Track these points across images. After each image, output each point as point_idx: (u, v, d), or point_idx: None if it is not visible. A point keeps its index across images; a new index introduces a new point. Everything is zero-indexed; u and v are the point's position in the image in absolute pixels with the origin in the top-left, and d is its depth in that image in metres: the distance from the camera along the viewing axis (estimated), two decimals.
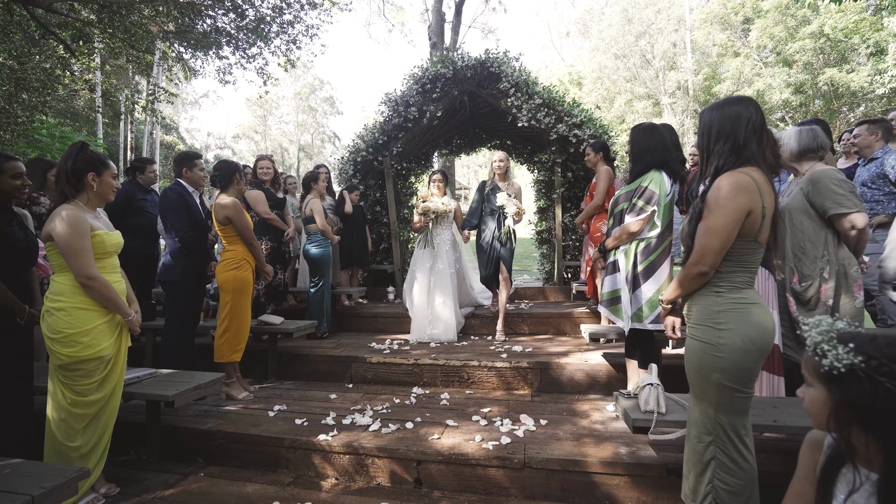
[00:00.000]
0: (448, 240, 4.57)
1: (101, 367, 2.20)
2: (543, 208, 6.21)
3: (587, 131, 5.24)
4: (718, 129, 1.66)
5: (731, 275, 1.65)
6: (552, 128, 5.34)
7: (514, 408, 3.02)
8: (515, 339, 4.34)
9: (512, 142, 6.86)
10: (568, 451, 2.36)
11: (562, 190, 5.66)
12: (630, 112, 23.27)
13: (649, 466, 2.21)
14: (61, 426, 2.14)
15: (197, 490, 2.35)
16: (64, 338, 2.10)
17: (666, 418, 2.05)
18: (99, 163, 2.24)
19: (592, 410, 2.95)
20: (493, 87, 5.53)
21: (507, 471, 2.31)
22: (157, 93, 9.87)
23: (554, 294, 5.62)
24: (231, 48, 9.26)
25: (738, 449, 1.66)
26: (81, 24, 6.69)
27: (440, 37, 11.28)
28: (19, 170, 2.31)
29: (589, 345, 3.93)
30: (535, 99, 5.34)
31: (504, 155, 4.43)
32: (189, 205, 3.38)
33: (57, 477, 1.66)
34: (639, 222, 2.63)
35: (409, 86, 5.79)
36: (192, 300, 3.41)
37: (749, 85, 18.98)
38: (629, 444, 2.40)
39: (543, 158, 5.92)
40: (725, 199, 1.57)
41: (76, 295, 2.14)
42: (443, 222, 4.56)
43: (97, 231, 2.20)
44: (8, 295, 2.22)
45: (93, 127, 15.56)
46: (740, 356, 1.60)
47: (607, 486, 2.23)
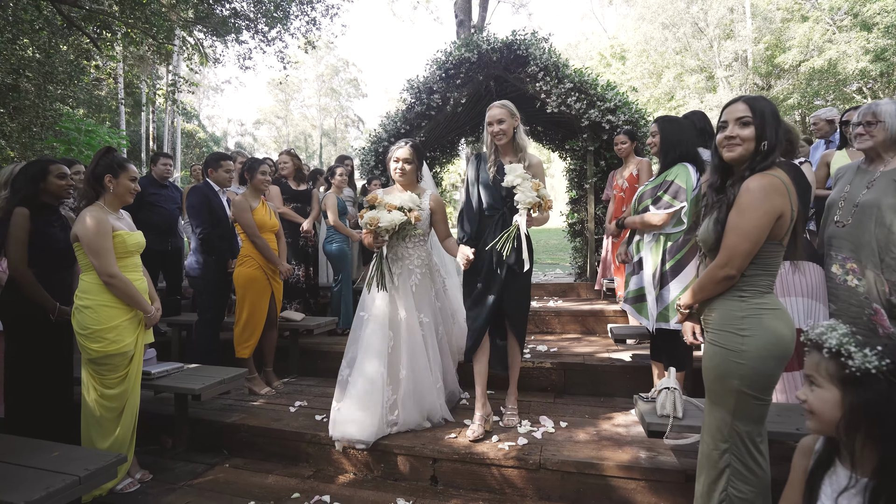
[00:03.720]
0: (419, 266, 2.92)
1: (125, 361, 2.49)
2: (575, 199, 6.25)
3: (621, 116, 5.25)
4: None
5: (754, 279, 1.70)
6: (584, 113, 5.37)
7: (534, 409, 3.17)
8: (542, 337, 4.46)
9: (542, 128, 6.90)
10: (585, 453, 2.49)
11: (594, 179, 5.69)
12: (680, 87, 22.52)
13: (668, 472, 2.32)
14: (94, 416, 2.45)
15: (223, 480, 2.63)
16: (91, 333, 2.40)
17: (683, 423, 2.15)
18: (117, 166, 2.52)
19: (616, 414, 3.06)
20: (520, 70, 5.59)
21: (522, 471, 2.47)
22: (178, 82, 10.40)
23: (585, 291, 5.69)
24: (251, 32, 9.64)
25: (753, 456, 1.74)
26: (104, 17, 7.16)
27: (467, 14, 11.30)
28: (63, 170, 2.66)
29: (617, 345, 4.01)
30: (565, 83, 5.38)
31: (503, 111, 2.69)
32: (211, 204, 3.69)
33: (99, 461, 1.94)
34: (662, 216, 2.70)
35: (432, 71, 5.92)
36: (215, 296, 3.72)
37: (819, 53, 18.00)
38: (649, 449, 2.51)
39: (575, 146, 5.95)
40: (758, 201, 1.61)
41: (101, 293, 2.43)
42: (408, 238, 2.90)
43: (118, 231, 2.48)
44: (38, 291, 2.54)
45: (115, 117, 16.47)
46: (762, 363, 1.66)
47: (624, 491, 2.36)
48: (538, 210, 2.64)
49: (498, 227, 2.71)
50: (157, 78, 17.02)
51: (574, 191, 6.23)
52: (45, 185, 2.63)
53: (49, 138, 9.33)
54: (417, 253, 2.95)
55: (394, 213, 2.71)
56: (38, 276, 2.58)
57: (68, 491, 1.81)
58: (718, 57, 21.79)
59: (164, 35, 8.70)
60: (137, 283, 2.55)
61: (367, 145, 6.46)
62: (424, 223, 2.92)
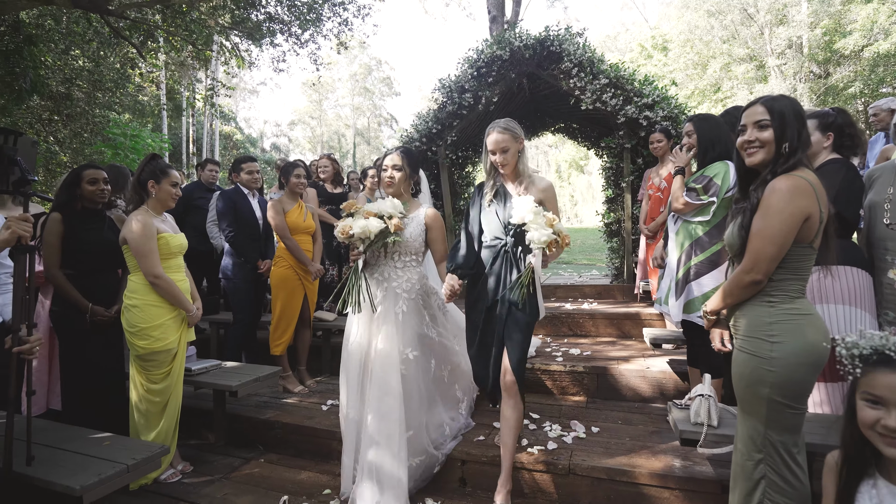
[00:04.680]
0: (408, 291, 2.58)
1: (169, 357, 2.68)
2: (612, 198, 6.17)
3: (660, 112, 5.15)
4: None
5: (783, 283, 1.69)
6: (620, 110, 5.30)
7: (565, 413, 3.18)
8: (575, 340, 4.45)
9: (577, 125, 6.85)
10: (617, 460, 2.49)
11: (631, 178, 5.60)
12: (727, 78, 21.71)
13: (703, 482, 2.29)
14: (140, 409, 2.64)
15: (258, 474, 2.78)
16: (139, 331, 2.59)
17: (717, 431, 2.12)
18: (159, 172, 2.71)
19: (650, 421, 3.04)
20: (553, 67, 5.57)
21: (551, 476, 2.49)
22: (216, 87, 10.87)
23: (622, 293, 5.62)
24: (285, 35, 9.98)
25: (790, 468, 1.72)
26: (148, 26, 7.60)
27: (500, 9, 11.28)
28: (94, 176, 2.83)
29: (654, 350, 3.95)
30: (600, 79, 5.32)
31: (506, 136, 2.40)
32: (237, 206, 3.88)
33: (145, 451, 2.11)
34: (683, 201, 2.68)
35: (464, 70, 5.98)
36: (246, 296, 3.91)
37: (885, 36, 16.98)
38: (684, 458, 2.49)
39: (611, 143, 5.87)
40: (782, 203, 1.60)
41: (148, 293, 2.62)
42: (395, 256, 2.61)
43: (162, 234, 2.67)
44: (71, 292, 2.73)
45: (157, 121, 17.35)
46: (794, 370, 1.64)
47: (656, 500, 2.35)
48: (555, 248, 2.32)
49: (500, 258, 2.45)
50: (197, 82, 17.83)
51: (610, 189, 6.16)
52: (80, 190, 2.80)
53: (98, 143, 9.96)
54: (407, 275, 2.60)
55: (370, 221, 2.42)
56: (74, 277, 2.77)
57: (118, 478, 1.98)
58: (770, 44, 20.88)
59: (202, 41, 9.12)
60: (180, 283, 2.73)
61: (399, 145, 6.58)
62: (417, 240, 2.61)
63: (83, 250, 2.78)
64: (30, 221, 1.91)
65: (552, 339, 4.56)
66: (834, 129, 2.40)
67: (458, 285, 2.45)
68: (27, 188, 1.95)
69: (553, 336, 4.67)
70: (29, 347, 1.94)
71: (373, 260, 2.64)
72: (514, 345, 2.39)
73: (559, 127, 7.48)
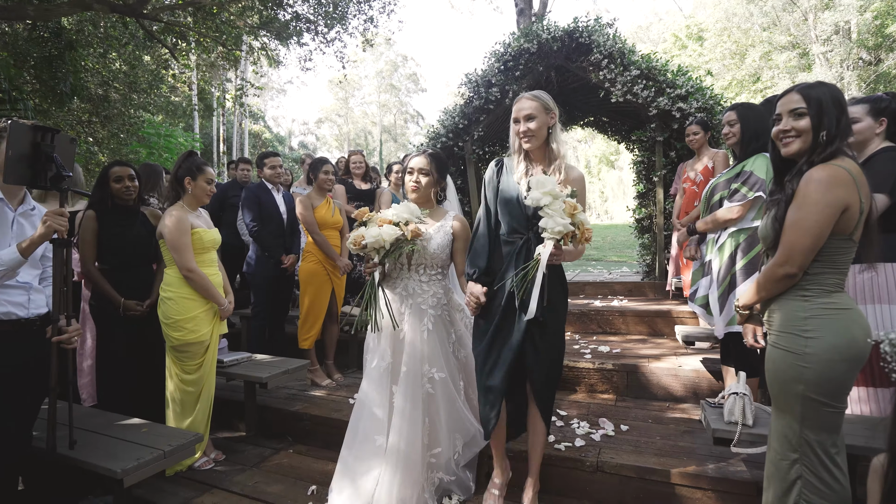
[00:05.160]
0: (434, 307, 2.40)
1: (202, 349, 2.78)
2: (643, 192, 6.06)
3: (694, 104, 5.03)
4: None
5: (820, 276, 1.64)
6: (651, 102, 5.20)
7: (594, 411, 3.16)
8: (604, 338, 4.40)
9: (607, 118, 6.76)
10: (647, 459, 2.47)
11: (664, 172, 5.49)
12: (767, 67, 20.96)
13: (738, 483, 2.25)
14: (175, 398, 2.76)
15: (287, 464, 2.86)
16: (173, 323, 2.70)
17: (753, 430, 2.08)
18: (195, 169, 2.81)
19: (681, 420, 2.99)
20: (582, 59, 5.51)
21: (578, 473, 2.49)
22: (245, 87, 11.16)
23: (653, 290, 5.52)
24: (311, 34, 10.17)
25: (828, 469, 1.67)
26: (180, 28, 7.87)
27: (527, 2, 11.18)
28: (119, 173, 2.93)
29: (686, 348, 3.88)
30: (631, 70, 5.24)
31: (535, 104, 2.14)
32: (261, 201, 4.00)
33: (180, 439, 2.21)
34: (737, 209, 2.60)
35: (491, 64, 5.98)
36: (268, 290, 4.01)
37: None
38: (718, 458, 2.44)
39: (643, 136, 5.77)
40: (819, 193, 1.56)
41: (182, 286, 2.73)
42: (421, 267, 2.42)
43: (196, 229, 2.77)
44: (104, 287, 2.86)
45: (189, 121, 17.92)
46: (830, 367, 1.60)
47: (688, 500, 2.31)
48: (571, 241, 2.00)
49: (521, 259, 2.13)
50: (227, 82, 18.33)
51: (642, 184, 6.05)
52: (109, 188, 2.92)
53: (133, 143, 10.37)
54: (433, 289, 2.41)
55: (384, 229, 2.21)
56: (108, 272, 2.90)
57: (155, 463, 2.08)
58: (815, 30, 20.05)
59: (232, 42, 9.39)
60: (213, 278, 2.83)
61: (425, 141, 6.63)
62: (444, 252, 2.40)
63: (116, 246, 2.91)
64: (65, 216, 2.00)
65: (581, 336, 4.53)
66: (888, 115, 2.29)
67: (483, 292, 2.17)
68: (63, 184, 2.04)
69: (582, 333, 4.63)
70: (67, 337, 2.06)
71: (394, 273, 2.45)
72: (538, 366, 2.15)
73: (588, 121, 7.38)
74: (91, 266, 2.89)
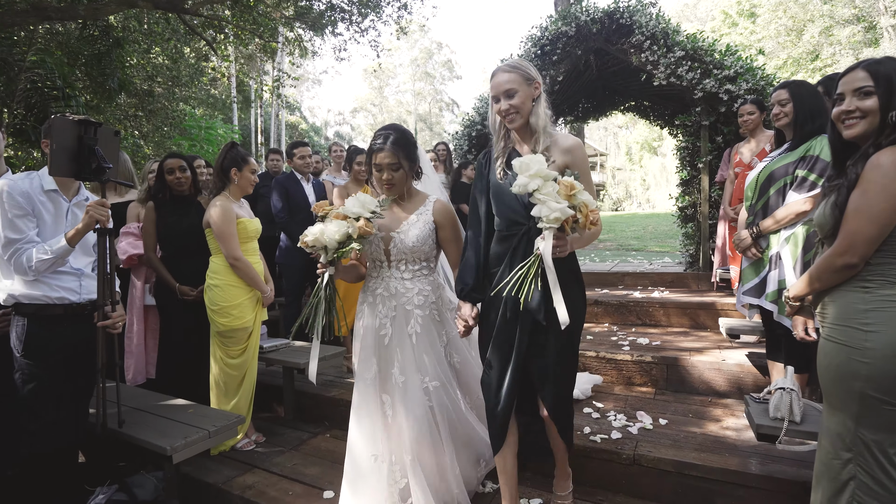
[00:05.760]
0: (421, 306, 2.16)
1: (245, 335, 2.91)
2: (687, 180, 5.87)
3: (743, 85, 4.81)
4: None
5: (883, 267, 1.56)
6: (697, 84, 5.01)
7: (631, 404, 3.12)
8: (643, 330, 4.32)
9: (649, 103, 6.56)
10: (686, 453, 2.43)
11: (709, 158, 5.30)
12: (828, 43, 19.74)
13: (783, 482, 2.19)
14: (220, 381, 2.90)
15: (324, 448, 2.98)
16: (219, 309, 2.83)
17: (800, 428, 2.02)
18: (241, 160, 2.92)
19: (724, 416, 2.92)
20: (623, 41, 5.36)
21: (614, 465, 2.47)
22: (282, 78, 11.42)
23: (697, 281, 5.37)
24: (345, 24, 10.29)
25: (885, 470, 1.60)
26: (219, 21, 8.13)
27: None
28: (170, 165, 3.12)
29: (731, 342, 3.77)
30: (675, 51, 5.06)
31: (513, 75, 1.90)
32: (289, 192, 4.12)
33: (223, 420, 2.33)
34: (811, 200, 2.43)
35: (527, 49, 5.90)
36: (301, 278, 4.13)
37: None
38: (763, 455, 2.38)
39: (687, 121, 5.58)
40: (888, 178, 1.47)
41: (227, 274, 2.86)
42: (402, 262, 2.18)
43: (241, 218, 2.90)
44: (162, 273, 3.07)
45: (228, 114, 18.50)
46: (892, 362, 1.54)
47: (729, 498, 2.26)
48: (574, 228, 1.71)
49: (518, 255, 1.88)
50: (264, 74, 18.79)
51: (685, 171, 5.85)
52: (165, 180, 3.12)
53: (176, 136, 10.81)
54: (418, 287, 2.15)
55: (330, 226, 1.96)
56: (166, 259, 3.12)
57: (201, 442, 2.21)
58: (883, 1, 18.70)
59: (269, 34, 9.60)
60: (255, 266, 2.96)
61: (460, 129, 6.63)
62: (426, 243, 2.14)
63: (172, 234, 3.10)
64: (106, 206, 2.13)
65: (619, 327, 4.46)
66: None
67: (475, 314, 1.97)
68: (103, 176, 2.13)
69: (620, 325, 4.57)
70: (111, 322, 2.19)
71: (374, 272, 2.24)
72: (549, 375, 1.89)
73: (629, 105, 7.20)
74: (151, 253, 3.11)
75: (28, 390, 2.08)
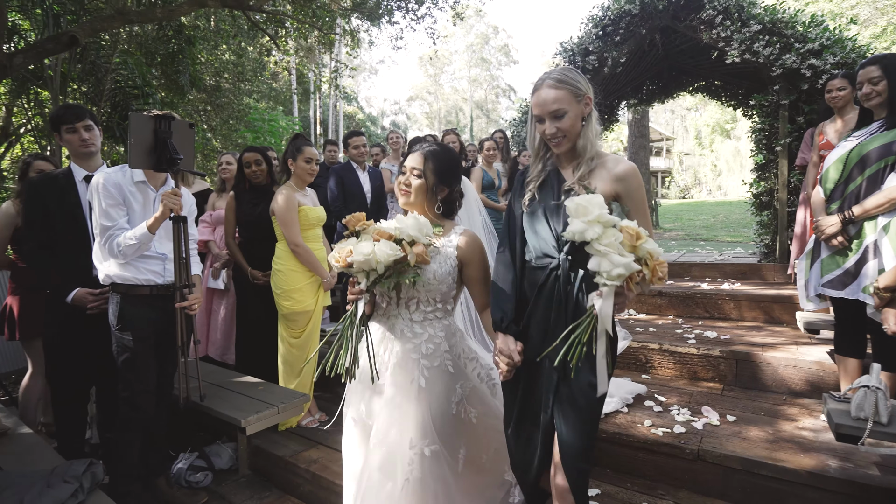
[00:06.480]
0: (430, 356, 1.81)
1: (307, 318, 3.08)
2: (763, 164, 5.54)
3: (830, 59, 4.47)
4: None
5: None
6: (776, 60, 4.70)
7: (696, 399, 3.03)
8: (711, 323, 4.16)
9: (721, 82, 6.22)
10: (756, 452, 2.34)
11: (789, 140, 4.97)
12: None
13: (867, 487, 2.07)
14: (286, 361, 3.09)
15: None
16: (283, 293, 3.01)
17: (888, 430, 1.90)
18: (296, 150, 3.10)
19: (801, 415, 2.77)
20: (692, 17, 5.11)
21: (676, 460, 2.43)
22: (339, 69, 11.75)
23: (772, 273, 5.08)
24: (402, 12, 10.42)
25: None
26: (280, 16, 8.49)
27: None
28: (247, 158, 3.40)
29: (811, 338, 3.56)
30: (750, 25, 4.76)
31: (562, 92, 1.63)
32: (344, 180, 4.28)
33: (291, 398, 2.50)
34: None
35: (588, 30, 5.76)
36: None
37: None
38: (843, 458, 2.26)
39: (763, 101, 5.25)
40: None
41: (290, 259, 3.03)
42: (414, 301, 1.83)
43: (302, 206, 3.06)
44: (237, 258, 3.34)
45: (289, 106, 19.25)
46: None
47: (802, 500, 2.17)
48: (638, 284, 1.45)
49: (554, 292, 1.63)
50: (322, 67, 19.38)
51: (761, 154, 5.52)
52: (243, 172, 3.42)
53: (241, 129, 11.41)
54: (429, 332, 1.81)
55: (380, 246, 1.63)
56: (242, 245, 3.40)
57: (271, 417, 2.39)
58: None
59: (327, 26, 9.90)
60: (318, 252, 3.12)
61: (517, 115, 6.59)
62: (444, 282, 1.79)
63: (247, 222, 3.38)
64: (178, 195, 2.32)
65: (684, 320, 4.31)
66: None
67: (519, 349, 1.65)
68: (175, 167, 2.32)
69: (685, 318, 4.41)
70: (188, 304, 2.39)
71: (379, 308, 1.89)
72: (570, 427, 1.62)
73: (699, 86, 6.86)
74: (230, 239, 3.42)
75: (121, 361, 2.34)
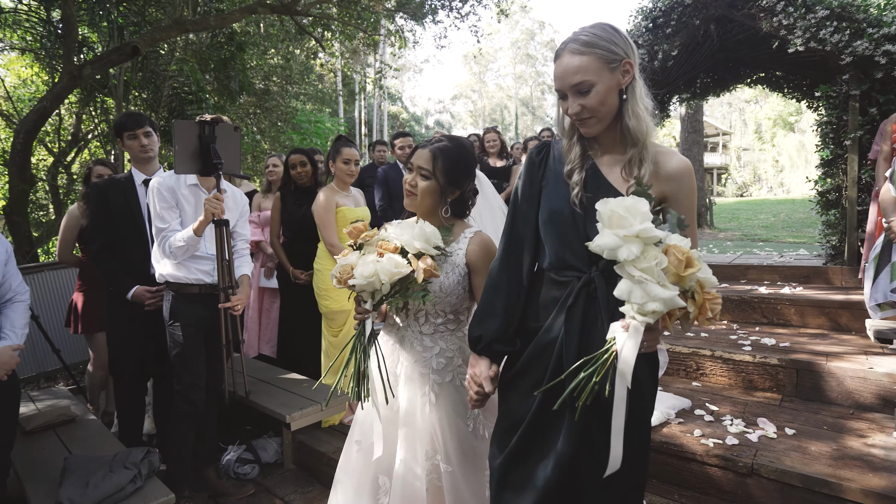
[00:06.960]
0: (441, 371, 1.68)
1: (345, 317, 3.14)
2: (829, 160, 5.20)
3: None
4: None
5: None
6: (845, 48, 4.41)
7: (751, 409, 2.90)
8: (769, 329, 3.96)
9: (782, 72, 5.90)
10: (817, 468, 2.22)
11: (859, 134, 4.65)
12: None
13: None
14: (328, 357, 3.18)
15: None
16: (322, 292, 3.10)
17: None
18: (335, 152, 3.19)
19: (870, 431, 2.60)
20: (751, 5, 4.86)
21: (728, 473, 2.33)
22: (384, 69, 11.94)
23: (839, 276, 4.77)
24: (445, 11, 10.47)
25: None
26: (326, 20, 8.72)
27: None
28: (292, 160, 3.52)
29: (883, 348, 3.32)
30: (815, 11, 4.49)
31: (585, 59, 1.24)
32: (389, 181, 4.34)
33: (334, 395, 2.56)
34: None
35: (637, 22, 5.59)
36: None
37: None
38: None
39: (830, 92, 4.93)
40: None
41: (327, 259, 3.12)
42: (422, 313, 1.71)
43: (341, 207, 3.14)
44: (281, 257, 3.46)
45: (334, 107, 19.75)
46: None
47: None
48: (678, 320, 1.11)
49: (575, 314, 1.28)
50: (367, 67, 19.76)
51: (828, 149, 5.18)
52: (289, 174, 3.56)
53: (289, 131, 11.80)
54: (440, 346, 1.68)
55: (384, 262, 1.47)
56: (286, 244, 3.53)
57: (314, 414, 2.47)
58: None
59: (372, 27, 10.09)
60: None
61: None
62: (454, 293, 1.65)
63: (291, 222, 3.51)
64: (220, 199, 2.34)
65: (739, 326, 4.13)
66: None
67: (492, 375, 1.40)
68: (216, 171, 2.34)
69: (741, 323, 4.22)
70: (231, 304, 2.44)
71: (388, 320, 1.81)
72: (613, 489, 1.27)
73: (758, 77, 6.52)
74: (275, 239, 3.57)
75: (174, 355, 2.47)
